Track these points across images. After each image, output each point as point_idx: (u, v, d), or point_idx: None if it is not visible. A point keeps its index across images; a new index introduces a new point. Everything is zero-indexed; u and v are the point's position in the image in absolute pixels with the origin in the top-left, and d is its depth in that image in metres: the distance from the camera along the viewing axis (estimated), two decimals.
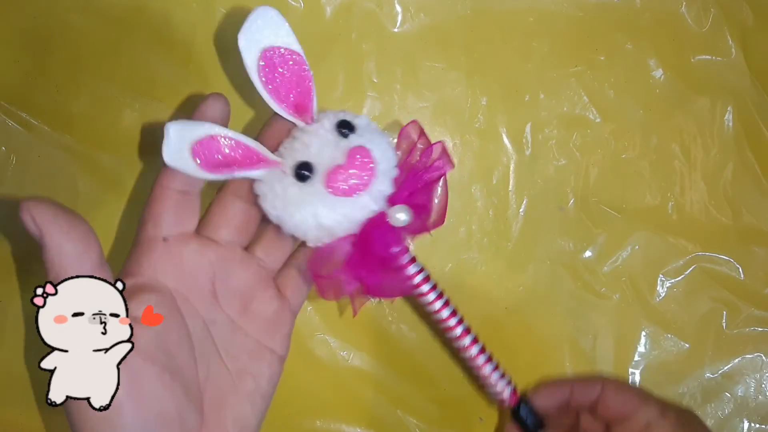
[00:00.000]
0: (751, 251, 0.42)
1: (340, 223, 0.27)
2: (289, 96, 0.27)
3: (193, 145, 0.25)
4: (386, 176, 0.28)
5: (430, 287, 0.33)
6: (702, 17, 0.42)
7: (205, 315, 0.29)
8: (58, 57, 0.39)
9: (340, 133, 0.27)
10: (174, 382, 0.26)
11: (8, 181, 0.39)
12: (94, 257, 0.24)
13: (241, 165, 0.27)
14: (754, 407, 0.42)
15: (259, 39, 0.27)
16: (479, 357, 0.34)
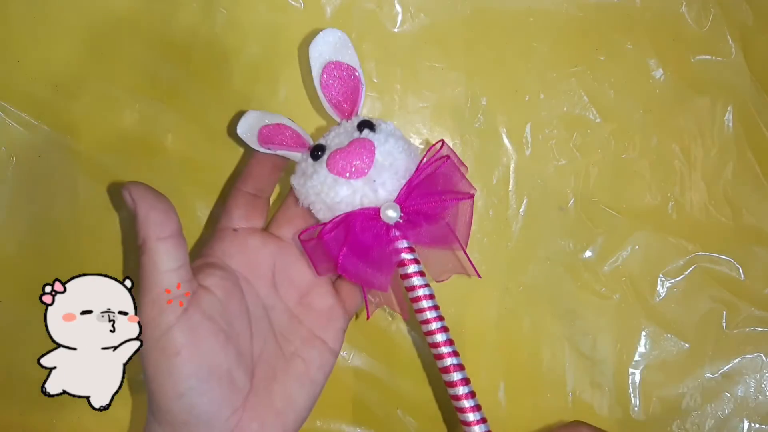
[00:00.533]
0: (752, 251, 0.42)
1: (336, 200, 0.31)
2: (339, 99, 0.33)
3: (262, 127, 0.33)
4: (389, 171, 0.31)
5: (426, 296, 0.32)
6: (702, 17, 0.42)
7: (264, 299, 0.33)
8: (58, 57, 0.39)
9: (358, 129, 0.32)
10: (228, 344, 0.29)
11: (8, 181, 0.39)
12: (173, 226, 0.29)
13: (286, 145, 0.33)
14: (754, 407, 0.42)
15: (327, 53, 0.33)
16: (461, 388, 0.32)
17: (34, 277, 0.38)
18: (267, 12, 0.40)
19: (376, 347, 0.40)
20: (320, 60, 0.33)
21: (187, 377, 0.28)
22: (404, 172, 0.31)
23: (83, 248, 0.39)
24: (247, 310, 0.32)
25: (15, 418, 0.38)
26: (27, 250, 0.39)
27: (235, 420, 0.29)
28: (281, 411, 0.31)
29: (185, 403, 0.28)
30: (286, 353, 0.32)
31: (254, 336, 0.31)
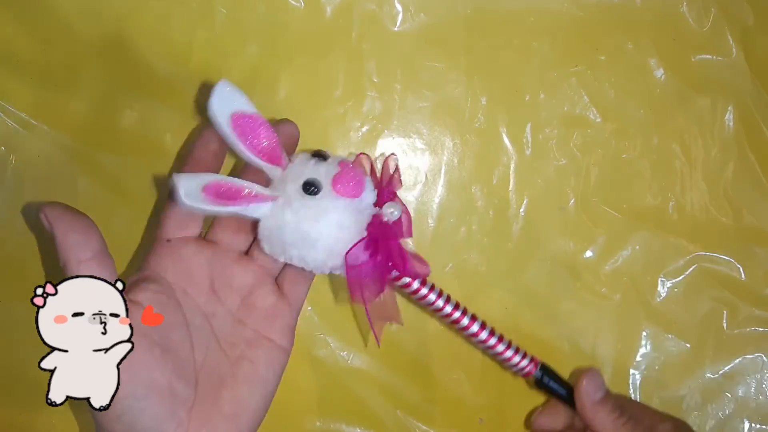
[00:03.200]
0: (752, 251, 0.42)
1: (356, 224, 0.31)
2: (261, 150, 0.31)
3: (232, 113, 0.30)
4: (369, 186, 0.32)
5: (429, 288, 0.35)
6: (702, 17, 0.42)
7: (204, 307, 0.32)
8: (58, 57, 0.39)
9: (318, 159, 0.31)
10: (165, 357, 0.29)
11: (8, 181, 0.39)
12: (95, 245, 0.28)
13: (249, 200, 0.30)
14: (754, 407, 0.42)
15: (228, 107, 0.30)
16: (490, 339, 0.36)
17: (34, 277, 0.38)
18: (267, 12, 0.40)
19: (376, 347, 0.40)
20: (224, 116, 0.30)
21: (123, 398, 0.27)
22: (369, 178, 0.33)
23: None
24: (184, 320, 0.31)
25: (15, 418, 0.38)
26: (27, 250, 0.39)
27: (182, 431, 0.29)
28: (232, 415, 0.31)
29: (125, 423, 0.28)
30: (232, 357, 0.32)
31: (195, 345, 0.31)
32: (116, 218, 0.39)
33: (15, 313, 0.38)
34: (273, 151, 0.31)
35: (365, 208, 0.31)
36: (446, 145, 0.41)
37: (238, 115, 0.30)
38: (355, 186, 0.30)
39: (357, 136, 0.41)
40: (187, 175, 0.29)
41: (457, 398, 0.41)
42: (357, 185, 0.30)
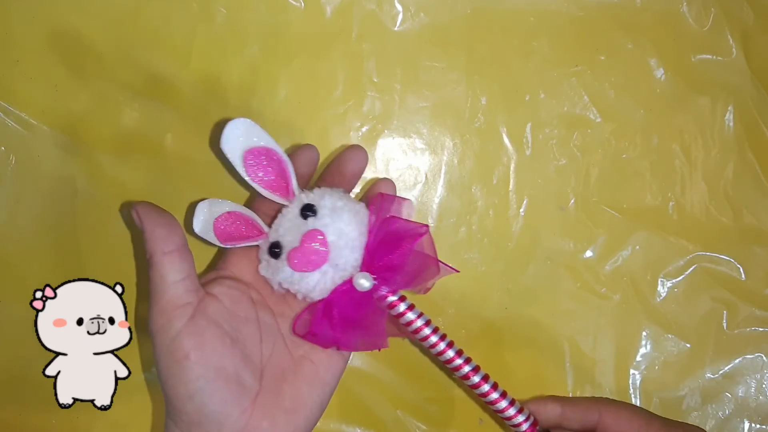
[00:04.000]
0: (752, 251, 0.42)
1: (309, 290, 0.32)
2: (272, 183, 0.33)
3: (215, 219, 0.33)
4: (346, 248, 0.32)
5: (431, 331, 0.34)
6: (703, 17, 0.42)
7: (274, 307, 0.34)
8: (58, 57, 0.39)
9: (302, 215, 0.32)
10: (234, 347, 0.31)
11: (8, 181, 0.39)
12: (178, 240, 0.31)
13: (245, 237, 0.33)
14: (754, 407, 0.42)
15: (240, 144, 0.32)
16: (492, 393, 0.35)
17: (34, 277, 0.38)
18: (267, 12, 0.40)
19: None
20: (236, 153, 0.32)
21: (196, 379, 0.29)
22: (359, 238, 0.32)
23: (83, 248, 0.39)
24: (256, 316, 0.33)
25: (15, 418, 0.38)
26: (27, 250, 0.39)
27: (245, 419, 0.31)
28: (291, 410, 0.32)
29: (196, 404, 0.30)
30: (295, 356, 0.34)
31: (263, 340, 0.33)
32: (116, 218, 0.39)
33: (15, 313, 0.38)
34: (280, 186, 0.33)
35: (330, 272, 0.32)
36: (446, 145, 0.41)
37: (250, 151, 0.32)
38: (306, 264, 0.31)
39: (357, 136, 0.41)
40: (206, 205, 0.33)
41: (457, 398, 0.41)
42: (308, 264, 0.31)
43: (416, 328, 0.34)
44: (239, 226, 0.33)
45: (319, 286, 0.32)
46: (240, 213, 0.33)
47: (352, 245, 0.32)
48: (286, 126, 0.40)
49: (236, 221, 0.33)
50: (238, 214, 0.33)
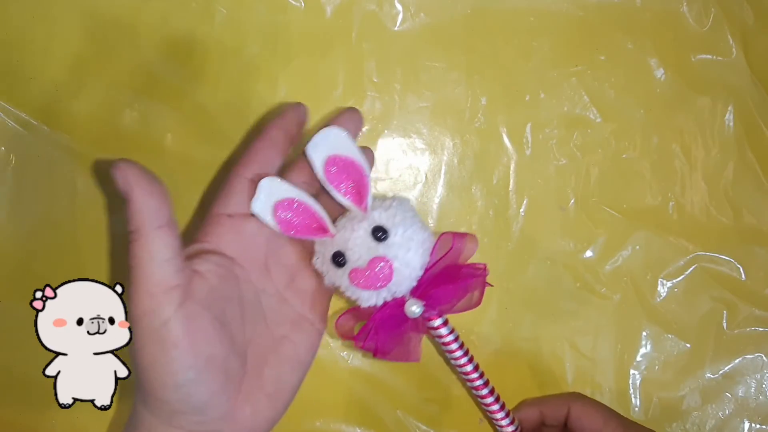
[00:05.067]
0: (752, 251, 0.42)
1: (361, 301, 0.33)
2: (348, 192, 0.34)
3: (276, 202, 0.32)
4: (408, 279, 0.33)
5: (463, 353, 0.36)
6: (703, 17, 0.42)
7: (257, 284, 0.32)
8: (58, 57, 0.39)
9: (375, 236, 0.32)
10: (223, 332, 0.29)
11: (8, 181, 0.39)
12: (168, 212, 0.28)
13: (310, 232, 0.33)
14: (754, 408, 0.42)
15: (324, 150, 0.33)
16: (489, 398, 0.37)
17: (34, 277, 0.38)
18: (267, 12, 0.40)
19: None
20: (321, 157, 0.33)
21: (186, 369, 0.28)
22: (421, 269, 0.33)
23: (83, 248, 0.39)
24: (240, 295, 0.31)
25: (15, 418, 0.38)
26: (27, 250, 0.39)
27: (229, 405, 0.30)
28: (272, 394, 0.31)
29: (182, 394, 0.28)
30: (276, 336, 0.33)
31: (246, 321, 0.31)
32: (116, 218, 0.39)
33: (15, 313, 0.38)
34: (357, 194, 0.34)
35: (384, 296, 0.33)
36: (446, 145, 0.41)
37: (333, 158, 0.33)
38: (367, 286, 0.32)
39: None
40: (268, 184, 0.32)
41: (457, 398, 0.41)
42: (369, 286, 0.32)
43: (450, 349, 0.36)
44: (304, 218, 0.33)
45: (371, 302, 0.33)
46: (306, 205, 0.33)
47: (413, 275, 0.33)
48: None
49: (300, 211, 0.33)
50: (303, 204, 0.33)
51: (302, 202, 0.33)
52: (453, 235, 0.35)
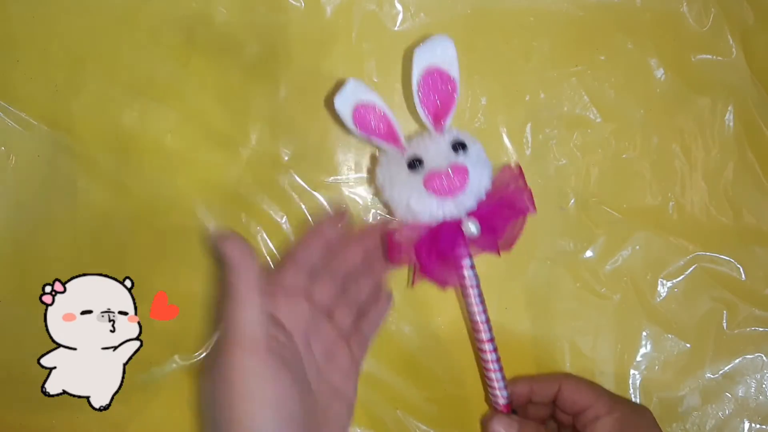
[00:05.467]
0: (752, 251, 0.42)
1: (423, 213, 0.34)
2: (434, 107, 0.35)
3: (357, 104, 0.34)
4: (474, 194, 0.35)
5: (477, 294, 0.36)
6: (703, 17, 0.42)
7: (303, 355, 0.33)
8: (58, 57, 0.39)
9: (454, 148, 0.34)
10: (301, 391, 0.30)
11: (8, 181, 0.39)
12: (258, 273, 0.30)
13: (383, 136, 0.35)
14: (754, 407, 0.42)
15: (428, 57, 0.34)
16: (494, 364, 0.37)
17: (34, 277, 0.38)
18: (267, 12, 0.40)
19: (376, 347, 0.40)
20: (422, 63, 0.34)
21: (273, 426, 0.28)
22: (484, 191, 0.35)
23: (83, 248, 0.39)
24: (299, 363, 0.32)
25: (15, 418, 0.38)
26: (27, 250, 0.39)
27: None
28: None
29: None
30: (324, 400, 0.33)
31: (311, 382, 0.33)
32: (116, 218, 0.39)
33: (15, 312, 0.38)
34: (441, 111, 0.35)
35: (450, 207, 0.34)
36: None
37: (432, 68, 0.34)
38: (441, 191, 0.33)
39: None
40: (356, 84, 0.34)
41: (457, 398, 0.41)
42: (443, 191, 0.33)
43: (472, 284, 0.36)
44: (380, 124, 0.34)
45: (433, 213, 0.34)
46: (386, 113, 0.34)
47: (478, 194, 0.35)
48: (286, 126, 0.40)
49: (379, 116, 0.34)
50: (382, 111, 0.34)
51: (382, 109, 0.34)
52: (512, 170, 0.37)
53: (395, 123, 0.35)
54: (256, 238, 0.40)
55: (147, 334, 0.36)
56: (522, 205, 0.36)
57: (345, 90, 0.33)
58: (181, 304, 0.39)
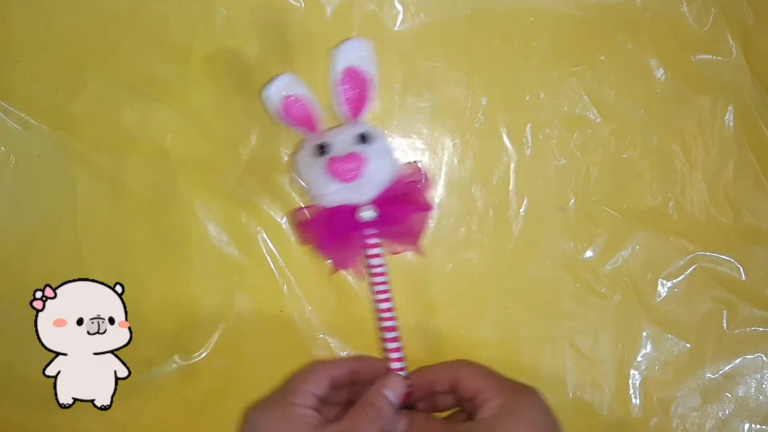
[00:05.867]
0: (752, 251, 0.42)
1: (325, 196, 0.36)
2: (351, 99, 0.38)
3: (286, 94, 0.37)
4: (373, 183, 0.36)
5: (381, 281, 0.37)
6: (703, 17, 0.42)
7: None
8: (58, 57, 0.39)
9: (358, 139, 0.36)
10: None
11: (8, 181, 0.39)
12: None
13: (302, 125, 0.37)
14: (754, 408, 0.42)
15: (346, 58, 0.37)
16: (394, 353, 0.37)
17: (34, 277, 0.38)
18: (267, 12, 0.40)
19: (376, 347, 0.40)
20: (342, 64, 0.37)
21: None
22: (384, 182, 0.37)
23: (83, 248, 0.39)
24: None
25: (15, 418, 0.38)
26: (27, 250, 0.39)
27: None
28: None
29: None
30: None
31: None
32: (116, 218, 0.39)
33: (15, 313, 0.38)
34: (357, 105, 0.37)
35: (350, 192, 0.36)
36: (446, 145, 0.41)
37: (351, 68, 0.37)
38: (339, 175, 0.35)
39: None
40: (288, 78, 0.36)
41: None
42: (340, 175, 0.35)
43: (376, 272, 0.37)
44: (303, 113, 0.37)
45: (334, 196, 0.36)
46: (309, 104, 0.37)
47: (378, 185, 0.37)
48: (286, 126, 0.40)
49: (302, 107, 0.37)
50: (306, 102, 0.37)
51: (307, 100, 0.37)
52: (416, 169, 0.39)
53: (318, 115, 0.37)
54: (256, 238, 0.40)
55: (147, 334, 0.36)
56: (423, 201, 0.38)
57: (276, 83, 0.36)
58: (182, 304, 0.39)
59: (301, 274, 0.40)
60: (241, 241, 0.40)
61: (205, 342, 0.39)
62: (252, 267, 0.40)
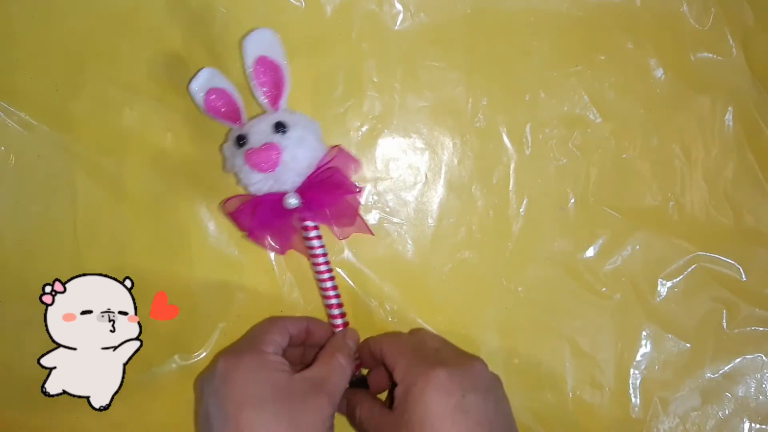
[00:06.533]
0: (752, 251, 0.42)
1: (249, 185, 0.37)
2: (268, 90, 0.38)
3: (210, 88, 0.37)
4: (294, 171, 0.36)
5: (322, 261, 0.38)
6: (703, 16, 0.42)
7: None
8: (58, 57, 0.39)
9: (275, 127, 0.36)
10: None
11: (8, 181, 0.39)
12: None
13: (225, 117, 0.37)
14: (754, 407, 0.42)
15: (256, 48, 0.37)
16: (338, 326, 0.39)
17: (34, 277, 0.38)
18: (267, 12, 0.40)
19: None
20: (252, 54, 0.37)
21: None
22: (306, 169, 0.37)
23: (83, 248, 0.39)
24: None
25: (15, 418, 0.38)
26: (27, 250, 0.39)
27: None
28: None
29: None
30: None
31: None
32: (116, 218, 0.39)
33: (15, 312, 0.38)
34: (274, 95, 0.38)
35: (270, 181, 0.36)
36: (446, 145, 0.41)
37: (262, 57, 0.37)
38: (255, 164, 0.35)
39: (357, 135, 0.41)
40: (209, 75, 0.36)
41: None
42: (258, 166, 0.35)
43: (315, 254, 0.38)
44: (227, 106, 0.37)
45: (258, 186, 0.37)
46: (233, 97, 0.37)
47: (299, 171, 0.37)
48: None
49: (226, 101, 0.37)
50: (231, 96, 0.37)
51: (231, 93, 0.37)
52: (340, 152, 0.38)
53: (241, 107, 0.37)
54: None
55: (147, 334, 0.36)
56: (348, 184, 0.38)
57: (199, 77, 0.36)
58: (181, 304, 0.39)
59: (301, 274, 0.40)
60: (241, 240, 0.40)
61: (204, 342, 0.39)
62: (252, 267, 0.40)
